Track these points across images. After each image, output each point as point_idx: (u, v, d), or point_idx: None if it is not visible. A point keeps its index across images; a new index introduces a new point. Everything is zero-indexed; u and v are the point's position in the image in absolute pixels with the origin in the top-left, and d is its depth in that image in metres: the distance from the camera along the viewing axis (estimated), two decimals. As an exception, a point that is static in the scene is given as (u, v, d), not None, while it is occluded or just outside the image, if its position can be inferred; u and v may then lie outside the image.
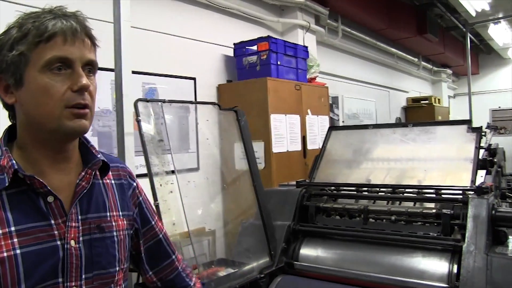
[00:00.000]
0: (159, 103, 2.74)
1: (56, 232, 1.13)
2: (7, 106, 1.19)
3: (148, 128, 2.61)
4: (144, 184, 2.61)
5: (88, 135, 3.86)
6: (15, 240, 1.08)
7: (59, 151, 1.19)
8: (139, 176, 3.73)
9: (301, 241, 2.91)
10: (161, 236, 1.49)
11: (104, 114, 4.15)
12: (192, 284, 1.58)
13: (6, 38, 1.12)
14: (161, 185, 2.54)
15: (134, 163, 3.72)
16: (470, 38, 9.80)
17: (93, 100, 1.19)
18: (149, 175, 2.49)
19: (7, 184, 1.10)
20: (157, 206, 2.42)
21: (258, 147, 4.72)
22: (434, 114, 10.72)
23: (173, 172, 2.68)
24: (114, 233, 1.25)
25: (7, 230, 1.08)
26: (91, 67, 1.17)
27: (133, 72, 4.04)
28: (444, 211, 2.51)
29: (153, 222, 1.47)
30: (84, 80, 1.13)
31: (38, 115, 1.12)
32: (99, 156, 1.26)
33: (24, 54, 1.09)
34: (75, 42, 1.12)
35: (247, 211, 3.17)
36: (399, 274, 2.46)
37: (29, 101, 1.12)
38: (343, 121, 8.16)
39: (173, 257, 1.53)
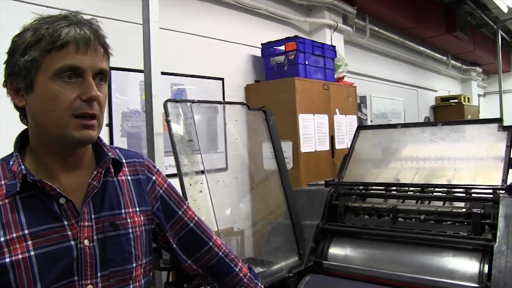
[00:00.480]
0: (188, 103, 2.77)
1: (69, 232, 1.15)
2: (18, 108, 1.21)
3: (178, 128, 2.64)
4: (174, 183, 2.66)
5: (117, 136, 3.91)
6: (29, 242, 1.10)
7: (68, 156, 1.20)
8: (168, 176, 3.79)
9: (329, 241, 2.91)
10: (192, 224, 1.47)
11: (133, 115, 4.21)
12: (237, 269, 1.54)
13: (20, 41, 1.12)
14: (190, 184, 2.57)
15: (164, 163, 3.76)
16: (501, 35, 9.65)
17: (102, 109, 1.19)
18: (179, 175, 2.52)
19: (18, 189, 1.13)
20: (187, 205, 2.45)
21: (286, 147, 4.73)
22: (464, 113, 10.57)
23: (202, 172, 2.71)
24: (130, 230, 1.26)
25: (21, 233, 1.11)
26: (102, 75, 1.17)
27: (162, 73, 4.09)
28: (475, 210, 2.48)
29: (180, 212, 1.45)
30: (94, 91, 1.13)
31: (46, 121, 1.14)
32: (109, 154, 1.26)
33: (36, 60, 1.10)
34: (87, 51, 1.12)
35: (276, 210, 3.18)
36: (428, 273, 2.44)
37: (38, 106, 1.14)
38: (371, 121, 8.12)
39: (210, 243, 1.50)
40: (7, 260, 1.08)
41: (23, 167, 1.14)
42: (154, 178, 1.40)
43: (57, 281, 1.12)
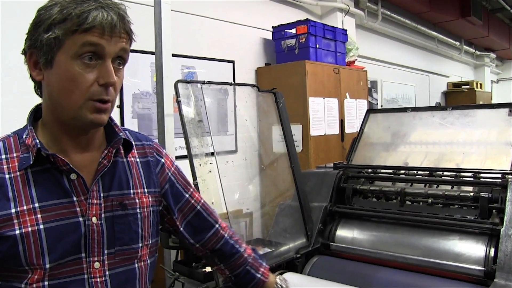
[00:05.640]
0: (199, 84, 2.77)
1: (78, 209, 1.17)
2: (34, 80, 1.22)
3: (188, 109, 2.65)
4: (184, 165, 2.67)
5: (128, 117, 3.96)
6: (39, 216, 1.13)
7: (80, 134, 1.22)
8: (178, 157, 3.81)
9: (337, 223, 2.93)
10: (199, 207, 1.51)
11: (144, 96, 4.24)
12: (242, 250, 1.59)
13: (46, 16, 1.12)
14: (200, 164, 2.58)
15: (174, 144, 3.79)
16: (516, 20, 9.53)
17: (116, 93, 1.21)
18: (189, 156, 2.53)
19: (31, 163, 1.15)
20: (196, 185, 2.46)
21: (296, 130, 4.74)
22: (476, 99, 10.49)
23: (212, 154, 2.72)
24: (138, 210, 1.28)
25: (31, 206, 1.13)
26: (122, 59, 1.19)
27: (173, 55, 4.10)
28: (482, 194, 2.47)
29: (187, 195, 1.48)
30: (112, 77, 1.15)
31: (61, 100, 1.15)
32: (120, 134, 1.28)
33: (59, 39, 1.10)
34: (111, 37, 1.13)
35: (285, 192, 3.20)
36: (435, 256, 2.45)
37: (55, 84, 1.15)
38: (381, 106, 8.09)
39: (217, 226, 1.54)
40: (17, 232, 1.11)
41: (37, 141, 1.16)
42: (163, 160, 1.42)
43: (65, 257, 1.15)
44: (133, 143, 1.34)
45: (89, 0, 1.12)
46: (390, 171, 3.03)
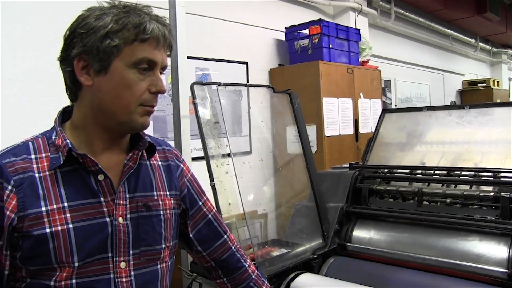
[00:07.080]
0: (214, 86, 2.78)
1: (105, 209, 1.20)
2: (73, 83, 1.22)
3: (204, 111, 2.66)
4: (200, 166, 2.67)
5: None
6: (68, 215, 1.15)
7: (117, 137, 1.26)
8: (194, 159, 3.82)
9: (354, 223, 2.92)
10: (210, 216, 1.52)
11: (159, 98, 4.24)
12: (246, 265, 1.58)
13: (99, 24, 1.15)
14: (217, 166, 2.59)
15: (190, 145, 3.79)
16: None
17: None
18: (205, 157, 2.54)
19: (61, 163, 1.17)
20: (213, 187, 2.47)
21: (310, 131, 4.71)
22: (493, 97, 10.30)
23: (228, 155, 2.72)
24: (161, 212, 1.30)
25: (61, 205, 1.15)
26: (163, 70, 1.26)
27: (187, 57, 4.10)
28: (503, 194, 2.44)
29: (200, 203, 1.49)
30: (163, 87, 1.22)
31: (114, 105, 1.18)
32: (146, 137, 1.31)
33: (118, 47, 1.15)
34: (162, 48, 1.20)
35: (300, 193, 3.20)
36: (454, 257, 2.43)
37: (109, 90, 1.18)
38: (395, 105, 8.03)
39: (225, 236, 1.54)
40: (47, 230, 1.13)
41: (68, 141, 1.18)
42: (182, 166, 1.45)
43: (92, 255, 1.17)
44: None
45: (139, 11, 1.18)
46: (407, 171, 3.01)
